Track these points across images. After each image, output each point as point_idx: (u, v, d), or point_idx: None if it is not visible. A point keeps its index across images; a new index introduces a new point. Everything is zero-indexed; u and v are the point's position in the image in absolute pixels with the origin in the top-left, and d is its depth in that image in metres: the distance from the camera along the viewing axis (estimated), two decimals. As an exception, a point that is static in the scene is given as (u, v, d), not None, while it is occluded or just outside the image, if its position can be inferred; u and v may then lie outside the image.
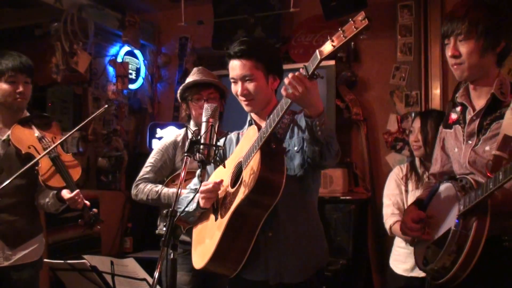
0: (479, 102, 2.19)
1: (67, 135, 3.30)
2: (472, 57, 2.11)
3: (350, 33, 1.87)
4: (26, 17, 5.77)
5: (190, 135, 3.32)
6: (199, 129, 3.32)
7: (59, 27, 5.32)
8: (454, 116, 2.33)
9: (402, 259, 3.44)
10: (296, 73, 2.05)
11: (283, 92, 2.09)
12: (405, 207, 3.38)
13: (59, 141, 3.15)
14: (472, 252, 1.97)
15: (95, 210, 3.07)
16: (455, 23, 2.12)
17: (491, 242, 2.00)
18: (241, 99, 2.46)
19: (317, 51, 1.98)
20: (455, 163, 2.28)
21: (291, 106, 2.15)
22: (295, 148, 2.40)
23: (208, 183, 2.39)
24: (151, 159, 3.41)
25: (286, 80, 2.07)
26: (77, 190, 3.01)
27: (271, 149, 2.26)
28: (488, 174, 2.02)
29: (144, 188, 3.31)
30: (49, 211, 3.22)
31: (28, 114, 3.27)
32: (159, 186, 3.31)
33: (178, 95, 3.47)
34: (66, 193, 3.02)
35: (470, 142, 2.18)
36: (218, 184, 2.38)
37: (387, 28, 4.87)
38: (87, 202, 3.05)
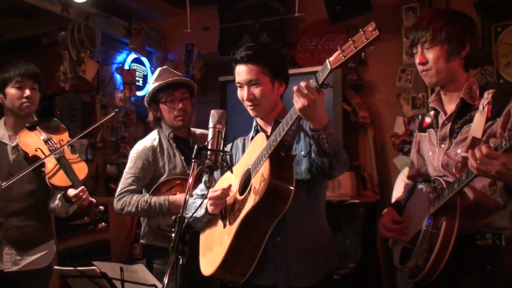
0: (450, 106, 2.28)
1: (75, 138, 3.33)
2: (438, 62, 2.20)
3: (360, 44, 1.87)
4: (34, 26, 5.83)
5: (164, 140, 3.27)
6: (173, 132, 3.28)
7: (66, 36, 5.39)
8: (428, 120, 2.43)
9: None
10: (304, 83, 2.06)
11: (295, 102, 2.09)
12: None
13: (65, 143, 3.20)
14: (443, 250, 2.06)
15: (101, 207, 3.06)
16: (420, 32, 2.22)
17: (465, 241, 2.10)
18: (247, 104, 2.47)
19: (327, 61, 1.98)
20: (430, 166, 2.36)
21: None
22: (302, 153, 2.40)
23: (217, 190, 2.39)
24: (130, 169, 3.24)
25: (295, 88, 2.08)
26: (82, 187, 3.02)
27: (280, 157, 2.26)
28: (457, 175, 2.10)
29: (131, 200, 3.15)
30: (60, 215, 3.23)
31: (36, 119, 3.32)
32: (147, 195, 3.16)
33: (146, 98, 3.35)
34: (71, 191, 3.03)
35: (443, 145, 2.26)
36: (226, 191, 2.39)
37: (393, 31, 4.86)
38: (93, 200, 3.05)
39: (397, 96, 4.91)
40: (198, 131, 3.47)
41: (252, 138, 2.54)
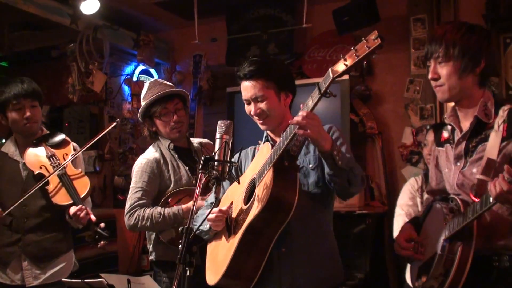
0: (465, 123, 2.18)
1: (76, 154, 3.27)
2: (451, 79, 2.10)
3: (363, 52, 1.87)
4: (44, 39, 5.88)
5: (165, 151, 3.20)
6: (173, 143, 3.22)
7: (75, 48, 5.41)
8: (446, 134, 2.33)
9: None
10: (304, 113, 2.05)
11: (299, 132, 2.09)
12: None
13: (68, 160, 3.17)
14: (458, 275, 1.99)
15: (101, 225, 3.03)
16: (434, 46, 2.12)
17: (481, 263, 2.02)
18: (256, 119, 2.47)
19: (329, 69, 1.98)
20: (446, 183, 2.27)
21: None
22: (310, 166, 2.40)
23: (214, 212, 2.40)
24: (138, 183, 3.13)
25: (296, 122, 2.07)
26: (80, 206, 2.99)
27: (284, 167, 2.25)
28: (472, 198, 2.03)
29: (144, 214, 3.03)
30: (75, 227, 3.21)
31: (46, 131, 3.33)
32: (159, 208, 3.06)
33: (140, 114, 3.28)
34: (72, 209, 3.01)
35: (458, 164, 2.17)
36: (222, 213, 2.41)
37: (401, 42, 4.87)
38: (93, 217, 3.02)
39: (405, 107, 4.90)
40: (197, 140, 3.44)
41: (262, 148, 2.55)
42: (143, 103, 3.24)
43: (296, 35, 5.39)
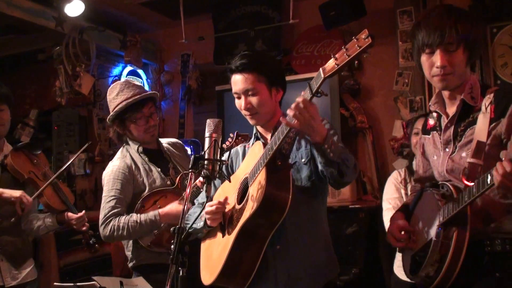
0: (453, 108, 2.16)
1: (63, 168, 3.53)
2: (460, 67, 2.07)
3: (353, 52, 1.85)
4: (29, 42, 5.85)
5: (135, 155, 3.13)
6: (143, 147, 3.15)
7: (61, 51, 5.38)
8: (431, 122, 2.33)
9: None
10: (301, 98, 2.03)
11: (283, 121, 2.09)
12: None
13: (62, 168, 3.42)
14: (455, 261, 1.98)
15: (91, 232, 3.30)
16: (446, 33, 2.02)
17: (474, 247, 2.01)
18: (245, 113, 2.45)
19: (320, 69, 1.97)
20: (435, 170, 2.27)
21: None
22: (303, 160, 2.38)
23: (213, 204, 2.38)
24: (110, 192, 3.03)
25: (289, 111, 2.05)
26: (84, 211, 3.24)
27: (276, 166, 2.24)
28: (465, 182, 2.01)
29: (119, 223, 2.94)
30: (37, 235, 3.35)
31: (8, 144, 3.35)
32: (134, 215, 2.96)
33: (111, 117, 3.14)
34: (71, 215, 3.22)
35: (447, 150, 2.16)
36: (222, 205, 2.38)
37: (388, 35, 4.86)
38: (87, 224, 3.29)
39: (395, 100, 4.90)
40: (165, 140, 3.38)
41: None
42: (114, 107, 3.11)
43: (284, 31, 5.39)
